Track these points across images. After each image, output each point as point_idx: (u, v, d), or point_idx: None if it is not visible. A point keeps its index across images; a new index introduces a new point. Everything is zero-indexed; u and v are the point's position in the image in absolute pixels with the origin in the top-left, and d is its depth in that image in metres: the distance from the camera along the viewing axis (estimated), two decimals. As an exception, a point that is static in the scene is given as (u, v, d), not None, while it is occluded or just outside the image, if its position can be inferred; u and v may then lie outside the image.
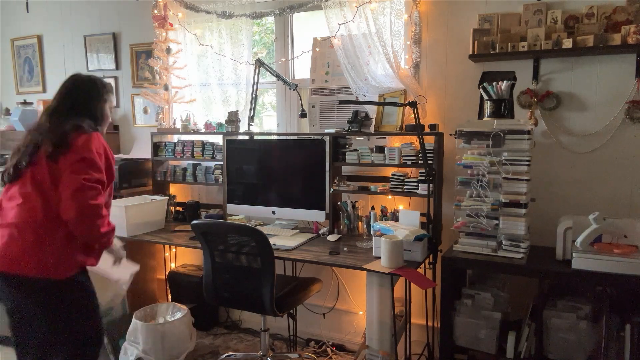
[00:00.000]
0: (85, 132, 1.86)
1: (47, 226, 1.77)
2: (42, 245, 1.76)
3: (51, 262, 1.76)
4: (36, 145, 1.85)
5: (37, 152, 1.84)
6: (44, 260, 1.75)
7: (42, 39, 4.10)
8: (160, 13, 3.27)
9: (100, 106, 2.03)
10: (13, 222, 1.79)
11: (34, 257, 1.75)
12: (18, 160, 1.86)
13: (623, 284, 1.95)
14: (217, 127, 3.13)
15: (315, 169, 2.80)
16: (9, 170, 1.88)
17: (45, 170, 1.80)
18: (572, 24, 2.35)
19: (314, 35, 3.00)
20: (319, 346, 3.06)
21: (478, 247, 2.22)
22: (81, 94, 1.99)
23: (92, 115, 1.98)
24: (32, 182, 1.82)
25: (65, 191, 1.74)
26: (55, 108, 1.95)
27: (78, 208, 1.73)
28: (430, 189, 2.43)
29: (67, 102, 1.96)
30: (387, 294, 2.19)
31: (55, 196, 1.78)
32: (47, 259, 1.76)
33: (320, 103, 2.98)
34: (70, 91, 1.99)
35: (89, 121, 1.94)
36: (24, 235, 1.76)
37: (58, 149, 1.80)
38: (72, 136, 1.83)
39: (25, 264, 1.75)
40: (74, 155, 1.78)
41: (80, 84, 2.01)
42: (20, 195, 1.82)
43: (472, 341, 2.23)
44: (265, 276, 2.24)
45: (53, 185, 1.79)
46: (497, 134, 2.15)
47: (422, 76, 2.74)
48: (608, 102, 2.38)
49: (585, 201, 2.44)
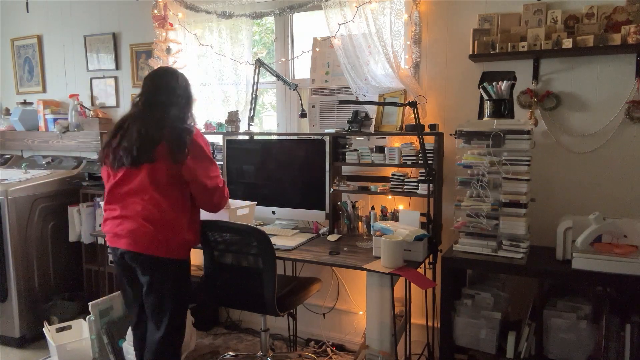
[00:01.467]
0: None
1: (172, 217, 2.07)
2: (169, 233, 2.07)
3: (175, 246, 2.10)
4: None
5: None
6: (172, 245, 2.08)
7: (42, 39, 4.10)
8: (160, 13, 3.27)
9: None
10: (142, 214, 2.03)
11: (164, 243, 2.05)
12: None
13: (623, 284, 1.95)
14: (217, 127, 3.13)
15: (315, 169, 2.80)
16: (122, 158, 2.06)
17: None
18: (572, 24, 2.35)
19: (314, 35, 3.00)
20: (319, 346, 3.06)
21: (478, 247, 2.22)
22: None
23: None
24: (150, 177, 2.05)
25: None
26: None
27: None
28: (430, 189, 2.43)
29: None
30: (387, 294, 2.19)
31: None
32: (173, 244, 2.08)
33: (320, 103, 2.98)
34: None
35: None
36: (154, 226, 2.04)
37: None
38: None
39: (158, 249, 2.05)
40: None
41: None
42: (144, 189, 2.04)
43: (472, 341, 2.23)
44: (266, 276, 2.24)
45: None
46: (497, 134, 2.15)
47: (422, 76, 2.74)
48: (608, 102, 2.38)
49: (585, 201, 2.44)
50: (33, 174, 3.46)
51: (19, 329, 3.14)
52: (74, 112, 3.72)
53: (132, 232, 2.03)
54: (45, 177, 3.39)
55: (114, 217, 2.10)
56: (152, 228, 2.02)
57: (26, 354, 3.09)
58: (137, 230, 2.03)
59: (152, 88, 2.15)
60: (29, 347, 3.16)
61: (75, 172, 3.54)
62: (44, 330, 2.83)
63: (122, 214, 2.07)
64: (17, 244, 3.12)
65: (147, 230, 2.02)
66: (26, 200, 3.19)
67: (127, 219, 2.05)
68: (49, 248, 3.34)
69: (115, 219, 2.09)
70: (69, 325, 2.93)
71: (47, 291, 3.30)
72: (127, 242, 2.05)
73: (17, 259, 3.12)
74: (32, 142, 3.94)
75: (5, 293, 3.13)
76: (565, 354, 2.07)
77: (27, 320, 3.18)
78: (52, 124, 3.82)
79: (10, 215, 3.09)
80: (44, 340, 2.90)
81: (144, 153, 2.02)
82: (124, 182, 2.07)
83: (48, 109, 3.87)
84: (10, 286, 3.11)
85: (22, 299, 3.15)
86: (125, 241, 2.05)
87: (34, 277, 3.24)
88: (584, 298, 2.13)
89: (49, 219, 3.34)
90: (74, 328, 2.93)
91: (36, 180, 3.31)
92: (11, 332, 3.15)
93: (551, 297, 2.17)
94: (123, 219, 2.06)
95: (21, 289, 3.14)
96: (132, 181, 2.05)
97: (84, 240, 3.37)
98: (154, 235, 2.02)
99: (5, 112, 4.17)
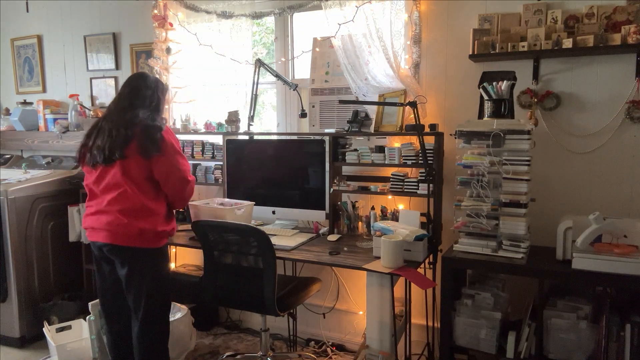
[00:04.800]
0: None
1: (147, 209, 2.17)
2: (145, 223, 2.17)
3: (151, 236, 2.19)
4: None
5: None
6: (149, 235, 2.18)
7: (42, 39, 4.10)
8: (160, 13, 3.27)
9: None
10: (118, 208, 2.13)
11: (141, 233, 2.15)
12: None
13: (623, 284, 1.95)
14: (217, 127, 3.13)
15: (315, 169, 2.80)
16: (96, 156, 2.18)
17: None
18: (572, 24, 2.35)
19: (314, 35, 3.00)
20: (319, 346, 3.06)
21: (478, 247, 2.22)
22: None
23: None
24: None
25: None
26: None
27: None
28: (430, 189, 2.43)
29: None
30: (387, 294, 2.19)
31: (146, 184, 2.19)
32: (149, 234, 2.18)
33: (320, 103, 2.98)
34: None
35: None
36: (129, 218, 2.14)
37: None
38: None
39: (134, 239, 2.15)
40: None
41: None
42: (118, 184, 2.15)
43: (472, 341, 2.23)
44: (266, 276, 2.24)
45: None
46: (497, 134, 2.15)
47: (422, 76, 2.74)
48: (608, 102, 2.38)
49: (585, 201, 2.44)
50: (33, 174, 3.45)
51: (19, 329, 3.14)
52: (74, 112, 3.72)
53: (109, 224, 2.15)
54: (45, 177, 3.39)
55: (92, 212, 2.24)
56: (128, 220, 2.13)
57: (26, 354, 3.09)
58: (113, 222, 2.13)
59: (124, 91, 2.31)
60: (29, 347, 3.16)
61: (75, 172, 3.54)
62: (44, 330, 2.83)
63: (99, 209, 2.20)
64: (17, 244, 3.12)
65: (123, 222, 2.13)
66: (26, 200, 3.19)
67: (104, 213, 2.18)
68: (49, 248, 3.34)
69: (93, 214, 2.23)
70: (69, 325, 2.93)
71: (47, 291, 3.30)
72: (105, 234, 2.17)
73: (17, 259, 3.12)
74: (32, 142, 3.94)
75: (5, 293, 3.13)
76: (565, 354, 2.07)
77: (27, 320, 3.18)
78: (52, 124, 3.82)
79: (10, 215, 3.08)
80: (44, 340, 2.90)
81: (116, 150, 2.14)
82: (100, 179, 2.21)
83: (48, 109, 3.87)
84: (10, 286, 3.11)
85: (22, 299, 3.15)
86: (103, 234, 2.17)
87: (34, 277, 3.23)
88: (584, 298, 2.13)
89: (49, 219, 3.33)
90: (74, 328, 2.93)
91: (36, 180, 3.31)
92: (11, 332, 3.15)
93: (551, 297, 2.17)
94: (100, 214, 2.19)
95: (21, 289, 3.14)
96: (107, 177, 2.18)
97: (84, 240, 3.36)
98: (130, 226, 2.12)
99: (5, 112, 4.17)
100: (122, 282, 2.23)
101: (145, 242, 2.17)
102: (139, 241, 2.16)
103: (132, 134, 2.15)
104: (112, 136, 2.15)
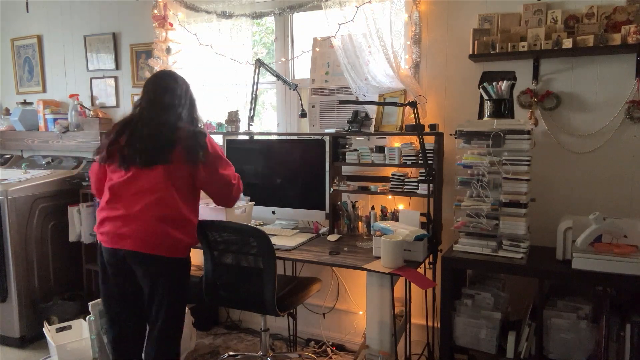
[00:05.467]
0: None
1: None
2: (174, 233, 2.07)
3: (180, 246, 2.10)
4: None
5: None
6: (181, 245, 2.09)
7: (42, 39, 4.10)
8: (160, 13, 3.27)
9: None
10: (156, 215, 2.02)
11: (175, 243, 2.06)
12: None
13: (623, 284, 1.95)
14: (217, 127, 3.13)
15: (315, 169, 2.80)
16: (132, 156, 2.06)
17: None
18: (572, 24, 2.35)
19: (314, 35, 3.00)
20: (319, 346, 3.06)
21: (478, 247, 2.22)
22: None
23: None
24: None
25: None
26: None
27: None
28: (430, 189, 2.43)
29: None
30: (387, 294, 2.19)
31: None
32: (182, 244, 2.09)
33: (320, 103, 2.98)
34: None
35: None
36: (166, 226, 2.04)
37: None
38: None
39: (167, 249, 2.05)
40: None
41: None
42: (157, 189, 2.04)
43: (472, 341, 2.23)
44: (266, 276, 2.24)
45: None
46: (497, 134, 2.15)
47: (422, 76, 2.74)
48: (608, 102, 2.38)
49: (585, 201, 2.44)
50: (33, 174, 3.46)
51: (19, 329, 3.14)
52: (74, 112, 3.72)
53: (142, 231, 2.00)
54: (45, 177, 3.40)
55: (116, 216, 2.04)
56: (164, 228, 2.01)
57: (26, 354, 3.09)
58: (147, 230, 2.00)
59: (155, 90, 2.15)
60: (29, 347, 3.16)
61: (75, 172, 3.54)
62: (44, 330, 2.83)
63: (129, 213, 2.02)
64: (17, 244, 3.12)
65: (160, 230, 2.00)
66: (26, 200, 3.19)
67: (135, 218, 2.01)
68: (49, 248, 3.34)
69: (117, 218, 2.04)
70: (69, 325, 2.93)
71: (47, 291, 3.30)
72: (133, 242, 2.00)
73: (17, 259, 3.12)
74: (32, 142, 3.94)
75: (5, 293, 3.13)
76: (565, 354, 2.07)
77: (27, 320, 3.18)
78: (52, 124, 3.82)
79: (10, 215, 3.08)
80: (44, 340, 2.90)
81: (159, 154, 2.03)
82: (133, 181, 2.04)
83: (48, 109, 3.87)
84: (10, 286, 3.11)
85: (22, 299, 3.15)
86: (131, 241, 2.00)
87: (34, 277, 3.24)
88: (584, 298, 2.13)
89: (49, 219, 3.34)
90: (74, 328, 2.93)
91: (36, 180, 3.31)
92: (11, 332, 3.15)
93: (551, 297, 2.17)
94: (129, 219, 2.02)
95: (21, 289, 3.14)
96: (144, 181, 2.03)
97: (84, 240, 3.37)
98: (165, 235, 2.01)
99: (5, 112, 4.18)
100: (144, 291, 2.10)
101: (176, 252, 2.07)
102: (171, 251, 2.05)
103: (176, 138, 2.05)
104: (153, 139, 2.04)
